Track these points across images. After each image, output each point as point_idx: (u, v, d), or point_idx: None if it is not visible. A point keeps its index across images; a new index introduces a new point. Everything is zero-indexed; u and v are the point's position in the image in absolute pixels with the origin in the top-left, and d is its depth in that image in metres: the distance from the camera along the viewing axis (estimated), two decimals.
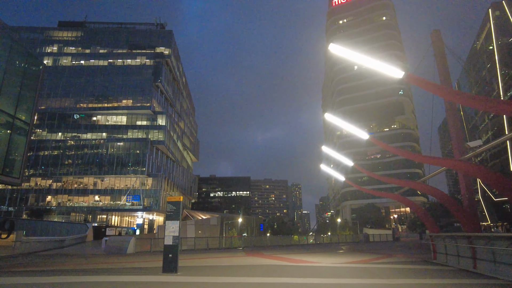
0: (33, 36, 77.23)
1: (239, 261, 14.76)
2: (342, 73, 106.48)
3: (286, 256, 17.96)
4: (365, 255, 18.52)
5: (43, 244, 27.70)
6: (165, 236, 10.04)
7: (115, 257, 18.99)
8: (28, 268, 12.28)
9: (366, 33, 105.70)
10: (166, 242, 9.99)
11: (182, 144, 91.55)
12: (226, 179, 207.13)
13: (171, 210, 10.21)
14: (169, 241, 9.97)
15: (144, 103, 70.18)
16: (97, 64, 74.61)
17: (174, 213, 10.20)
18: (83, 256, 19.97)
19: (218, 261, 14.99)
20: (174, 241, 9.96)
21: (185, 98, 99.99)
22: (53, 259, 16.96)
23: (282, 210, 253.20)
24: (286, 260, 15.06)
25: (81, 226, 51.54)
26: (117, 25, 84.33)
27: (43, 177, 67.08)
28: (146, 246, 25.02)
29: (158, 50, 76.98)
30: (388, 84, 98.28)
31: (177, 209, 10.20)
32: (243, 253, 20.87)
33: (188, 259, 16.60)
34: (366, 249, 26.90)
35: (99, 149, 67.93)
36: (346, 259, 15.47)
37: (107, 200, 66.62)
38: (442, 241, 13.63)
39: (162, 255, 10.01)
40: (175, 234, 10.03)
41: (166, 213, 10.40)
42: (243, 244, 34.79)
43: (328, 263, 13.68)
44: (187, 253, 22.85)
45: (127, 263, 14.07)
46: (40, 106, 70.80)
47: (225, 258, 16.82)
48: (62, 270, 11.49)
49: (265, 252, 22.68)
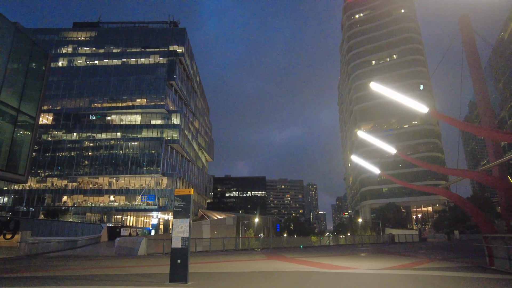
0: (48, 38, 77.65)
1: (261, 265, 12.91)
2: (359, 68, 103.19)
3: (312, 259, 16.01)
4: (402, 259, 16.36)
5: (54, 244, 26.62)
6: (172, 237, 8.26)
7: (123, 259, 17.48)
8: (20, 273, 10.79)
9: (383, 27, 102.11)
10: (174, 245, 8.18)
11: (197, 144, 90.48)
12: (241, 179, 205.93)
13: (179, 205, 8.41)
14: (177, 243, 8.17)
15: (158, 102, 69.34)
16: (111, 63, 74.28)
17: (183, 209, 8.41)
18: (92, 258, 18.57)
19: (237, 265, 13.18)
20: (183, 243, 8.16)
21: (199, 97, 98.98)
22: (57, 262, 15.54)
23: (298, 211, 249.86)
24: (314, 265, 13.11)
25: (95, 226, 50.91)
26: (130, 24, 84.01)
27: (59, 178, 67.07)
28: (159, 247, 23.47)
29: (172, 48, 76.05)
30: (407, 79, 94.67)
31: (187, 204, 8.41)
32: (262, 256, 18.99)
33: (202, 262, 14.87)
34: (396, 251, 24.59)
35: (114, 149, 67.43)
36: (383, 264, 13.40)
37: (122, 200, 66.03)
38: (504, 244, 11.40)
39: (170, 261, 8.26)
40: (185, 235, 8.22)
41: (173, 210, 8.64)
42: (260, 245, 32.94)
43: (366, 268, 11.66)
44: (201, 255, 21.15)
45: (133, 268, 12.44)
46: (56, 106, 71.08)
47: (244, 262, 15.00)
48: (56, 276, 9.92)
49: (286, 254, 20.73)
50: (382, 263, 13.92)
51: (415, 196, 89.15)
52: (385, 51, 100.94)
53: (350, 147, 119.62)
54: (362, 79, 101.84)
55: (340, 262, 14.18)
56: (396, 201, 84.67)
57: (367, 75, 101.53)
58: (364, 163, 15.67)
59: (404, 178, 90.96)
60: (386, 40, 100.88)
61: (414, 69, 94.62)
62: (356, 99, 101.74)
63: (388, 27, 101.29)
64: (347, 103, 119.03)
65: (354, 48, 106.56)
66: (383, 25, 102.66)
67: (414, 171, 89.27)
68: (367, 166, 15.83)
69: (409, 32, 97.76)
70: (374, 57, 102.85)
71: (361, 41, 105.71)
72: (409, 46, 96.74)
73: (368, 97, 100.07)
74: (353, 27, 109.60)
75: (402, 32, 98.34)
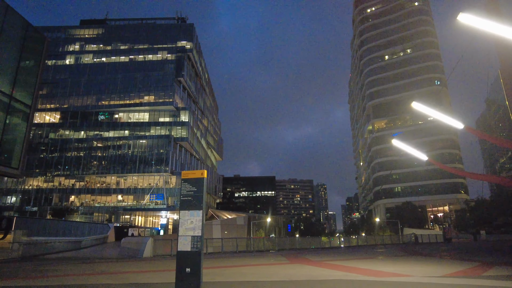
0: (56, 36, 76.61)
1: (289, 272, 10.63)
2: (372, 64, 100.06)
3: (342, 263, 13.66)
4: (452, 263, 13.88)
5: (56, 245, 24.75)
6: (178, 236, 6.05)
7: (126, 262, 15.39)
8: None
9: (396, 20, 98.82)
10: (181, 247, 5.92)
11: (206, 142, 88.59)
12: (251, 179, 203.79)
13: (189, 192, 6.19)
14: (186, 244, 5.90)
15: (166, 99, 67.59)
16: (118, 60, 72.85)
17: (194, 197, 6.15)
18: (91, 261, 16.54)
19: (259, 271, 10.94)
20: (194, 244, 5.89)
21: (208, 95, 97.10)
22: (48, 266, 13.51)
23: (308, 211, 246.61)
24: (352, 270, 10.80)
25: (103, 226, 49.28)
26: (138, 21, 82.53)
27: (67, 177, 65.80)
28: (166, 248, 21.36)
29: (180, 44, 74.29)
30: (422, 73, 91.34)
31: (199, 191, 6.17)
32: (282, 259, 16.68)
33: (216, 266, 12.66)
34: (429, 252, 22.01)
35: (122, 147, 65.92)
36: (435, 269, 11.01)
37: (130, 199, 64.43)
38: None
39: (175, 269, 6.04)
40: (196, 233, 5.96)
41: (180, 198, 6.40)
42: (275, 246, 30.64)
43: (421, 275, 9.31)
44: (213, 258, 18.92)
45: (134, 274, 10.30)
46: (63, 105, 69.95)
47: (265, 266, 12.74)
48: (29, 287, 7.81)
49: (308, 256, 18.39)
50: (432, 268, 11.52)
51: (432, 195, 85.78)
52: (398, 45, 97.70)
53: (363, 145, 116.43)
54: (375, 74, 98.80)
55: (380, 266, 11.85)
56: (412, 200, 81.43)
57: (380, 70, 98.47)
58: (407, 148, 13.30)
59: (421, 176, 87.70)
60: (399, 34, 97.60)
61: (429, 64, 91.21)
62: (369, 95, 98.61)
63: (401, 20, 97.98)
64: (359, 100, 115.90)
65: (366, 43, 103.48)
66: (396, 19, 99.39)
67: (431, 168, 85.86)
68: (410, 151, 13.46)
69: (423, 25, 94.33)
70: (387, 52, 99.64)
71: (373, 36, 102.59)
72: (424, 40, 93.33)
73: (382, 93, 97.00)
74: (364, 21, 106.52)
75: (416, 26, 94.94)
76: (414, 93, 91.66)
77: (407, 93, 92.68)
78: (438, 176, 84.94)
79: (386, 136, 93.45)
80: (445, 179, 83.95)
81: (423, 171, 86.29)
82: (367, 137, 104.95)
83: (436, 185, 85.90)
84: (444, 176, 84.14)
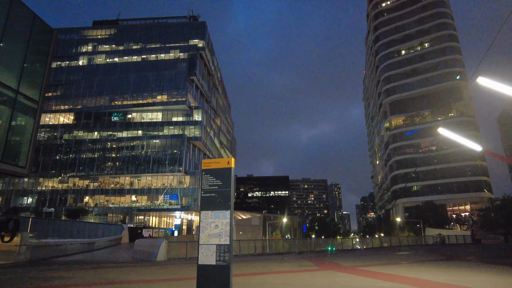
0: (69, 37, 76.88)
1: (324, 281, 9.10)
2: (388, 59, 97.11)
3: (381, 269, 12.05)
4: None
5: (68, 247, 23.85)
6: (198, 244, 4.59)
7: (138, 267, 14.16)
8: None
9: (413, 13, 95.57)
10: (203, 259, 4.42)
11: (219, 142, 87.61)
12: (264, 178, 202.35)
13: (212, 188, 4.74)
14: (209, 256, 4.40)
15: (179, 98, 66.81)
16: (131, 60, 72.53)
17: (220, 193, 4.65)
18: (101, 265, 15.39)
19: (289, 280, 9.44)
20: (220, 256, 4.44)
21: (221, 95, 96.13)
22: (52, 272, 12.37)
23: (322, 211, 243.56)
24: (400, 280, 9.19)
25: (117, 227, 48.69)
26: (150, 21, 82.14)
27: (81, 178, 65.74)
28: (181, 251, 20.09)
29: (192, 43, 73.44)
30: (441, 68, 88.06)
31: (226, 185, 4.71)
32: (309, 264, 15.14)
33: (235, 275, 11.26)
34: (471, 257, 20.10)
35: (135, 147, 65.50)
36: (500, 280, 9.34)
37: (144, 200, 63.88)
38: None
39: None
40: (223, 241, 4.51)
41: (200, 195, 4.94)
42: (295, 248, 29.08)
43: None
44: None
45: (146, 283, 8.99)
46: (76, 106, 70.04)
47: (293, 273, 11.26)
48: None
49: (337, 261, 16.80)
50: (494, 278, 9.82)
51: (453, 194, 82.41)
52: (415, 39, 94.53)
53: (379, 143, 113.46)
54: (391, 70, 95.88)
55: (429, 274, 10.22)
56: (432, 199, 78.41)
57: (397, 65, 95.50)
58: (456, 137, 11.71)
59: (440, 174, 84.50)
60: (416, 27, 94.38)
61: (449, 57, 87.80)
62: (386, 91, 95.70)
63: (417, 13, 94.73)
64: (375, 97, 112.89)
65: (381, 38, 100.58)
66: (412, 12, 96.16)
67: (451, 166, 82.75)
68: (461, 140, 11.85)
69: (442, 17, 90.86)
70: (404, 47, 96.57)
71: (389, 31, 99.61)
72: (442, 33, 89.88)
73: (399, 89, 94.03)
74: (379, 16, 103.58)
75: (434, 18, 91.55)
76: (433, 88, 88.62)
77: (425, 89, 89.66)
78: (459, 174, 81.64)
79: (404, 133, 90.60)
80: (467, 177, 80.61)
81: (445, 168, 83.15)
82: (383, 134, 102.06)
83: (458, 183, 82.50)
84: (466, 174, 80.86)
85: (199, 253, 4.56)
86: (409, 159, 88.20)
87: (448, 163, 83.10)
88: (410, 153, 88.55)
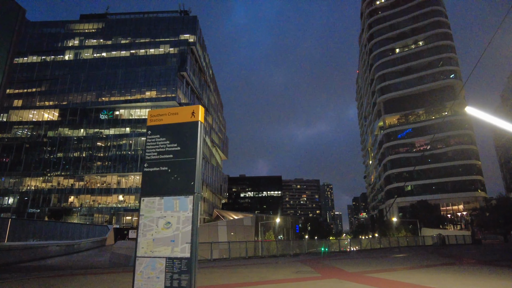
0: (54, 31, 73.94)
1: None
2: (382, 57, 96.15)
3: (394, 276, 10.25)
4: None
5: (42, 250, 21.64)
6: (135, 257, 2.56)
7: (113, 274, 12.13)
8: None
9: (407, 11, 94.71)
10: (139, 285, 2.45)
11: (211, 140, 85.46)
12: (257, 178, 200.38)
13: (164, 155, 2.72)
14: (155, 281, 2.37)
15: (168, 94, 64.55)
16: (119, 55, 69.95)
17: (177, 167, 2.57)
18: (68, 273, 13.32)
19: None
20: (173, 280, 2.23)
21: (213, 92, 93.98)
22: (9, 282, 10.28)
23: (314, 211, 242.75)
24: None
25: (102, 228, 46.42)
26: (139, 15, 79.62)
27: (66, 177, 63.02)
28: None
29: (182, 38, 71.20)
30: (435, 66, 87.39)
31: (187, 152, 2.64)
32: (308, 270, 13.27)
33: (226, 284, 9.37)
34: (480, 259, 18.50)
35: (123, 145, 63.08)
36: None
37: (131, 200, 61.46)
38: None
39: None
40: (180, 253, 2.43)
41: (143, 169, 2.99)
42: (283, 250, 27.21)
43: None
44: (220, 266, 15.50)
45: None
46: (62, 102, 67.29)
47: (293, 283, 9.39)
48: None
49: (339, 265, 14.98)
50: None
51: (447, 193, 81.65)
52: (410, 37, 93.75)
53: (373, 142, 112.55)
54: (385, 68, 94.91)
55: (453, 282, 8.49)
56: (426, 198, 77.44)
57: (391, 64, 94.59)
58: (489, 118, 9.80)
59: (434, 173, 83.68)
60: (411, 26, 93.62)
61: (443, 56, 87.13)
62: (380, 90, 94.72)
63: (412, 12, 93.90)
64: (369, 96, 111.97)
65: (376, 36, 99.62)
66: (406, 10, 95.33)
67: (445, 165, 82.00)
68: (493, 121, 9.94)
69: (436, 16, 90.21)
70: (398, 45, 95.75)
71: (383, 29, 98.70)
72: (437, 31, 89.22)
73: (393, 88, 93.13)
74: (373, 14, 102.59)
75: (428, 17, 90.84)
76: (427, 87, 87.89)
77: (420, 87, 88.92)
78: (453, 174, 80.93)
79: (398, 132, 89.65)
80: (461, 176, 79.90)
81: (439, 168, 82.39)
82: (377, 133, 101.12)
83: (452, 183, 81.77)
84: (460, 173, 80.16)
85: (135, 273, 2.54)
86: (403, 158, 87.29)
87: (442, 163, 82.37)
88: (404, 152, 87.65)
